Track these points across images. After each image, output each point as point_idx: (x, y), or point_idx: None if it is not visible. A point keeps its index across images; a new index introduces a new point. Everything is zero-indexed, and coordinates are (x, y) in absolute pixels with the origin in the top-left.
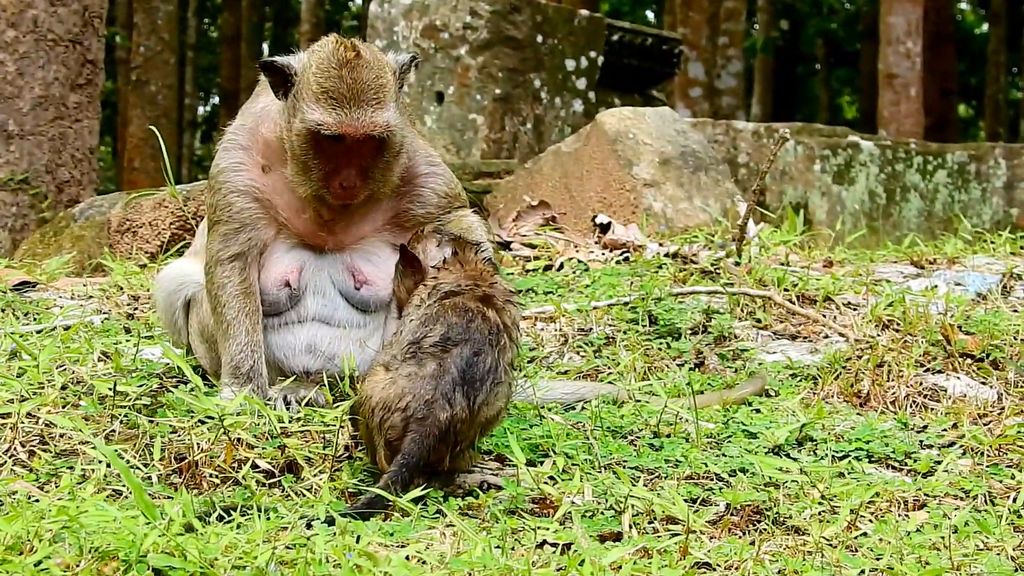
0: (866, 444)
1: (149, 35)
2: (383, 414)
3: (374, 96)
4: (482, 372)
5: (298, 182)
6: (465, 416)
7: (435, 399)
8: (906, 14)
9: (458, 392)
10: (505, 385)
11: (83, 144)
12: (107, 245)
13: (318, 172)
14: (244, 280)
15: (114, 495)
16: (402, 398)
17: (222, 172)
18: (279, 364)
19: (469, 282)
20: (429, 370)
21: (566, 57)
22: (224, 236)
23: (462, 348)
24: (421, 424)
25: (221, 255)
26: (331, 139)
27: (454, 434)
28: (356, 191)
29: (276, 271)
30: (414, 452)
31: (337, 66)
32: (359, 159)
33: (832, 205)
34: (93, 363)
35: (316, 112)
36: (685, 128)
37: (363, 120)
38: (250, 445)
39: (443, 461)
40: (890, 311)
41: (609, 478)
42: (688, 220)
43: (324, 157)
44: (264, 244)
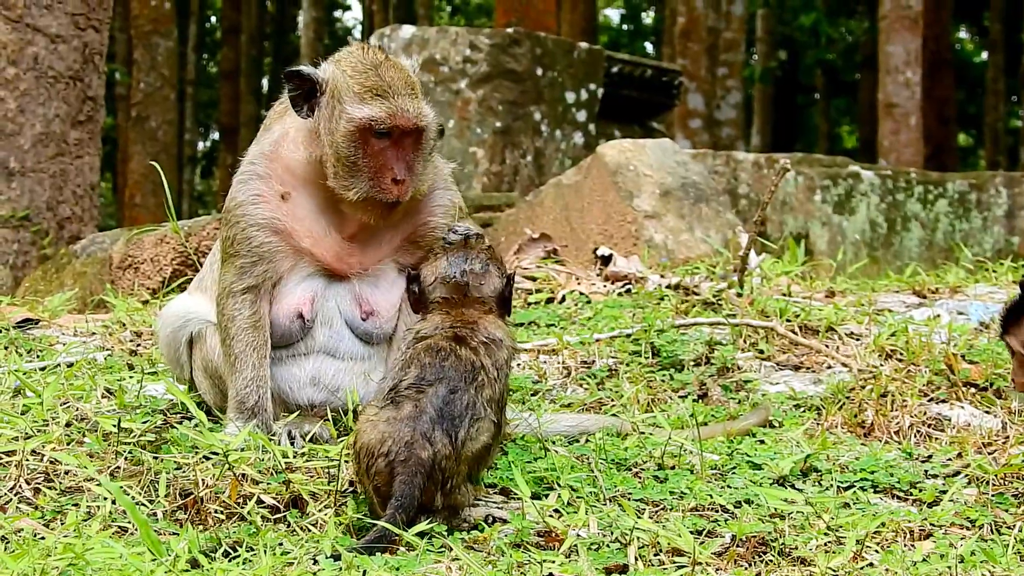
0: (871, 474)
1: (149, 71)
2: (368, 460)
3: (413, 90)
4: (460, 409)
5: (346, 187)
6: (449, 452)
7: (414, 440)
8: (905, 43)
9: (437, 430)
10: (487, 421)
11: (84, 180)
12: (109, 281)
13: (368, 171)
14: (255, 313)
15: (120, 532)
16: (383, 443)
17: (240, 205)
18: (283, 396)
19: (446, 325)
20: (406, 412)
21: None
22: (240, 269)
23: (437, 387)
24: (405, 466)
25: (234, 287)
26: (380, 135)
27: (440, 471)
28: (406, 185)
29: (289, 302)
30: (405, 494)
31: (372, 66)
32: (404, 152)
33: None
34: (97, 400)
35: (364, 108)
36: (685, 159)
37: (412, 111)
38: (255, 480)
39: (435, 500)
40: (893, 341)
41: (614, 510)
42: (689, 251)
43: (373, 155)
44: (279, 276)
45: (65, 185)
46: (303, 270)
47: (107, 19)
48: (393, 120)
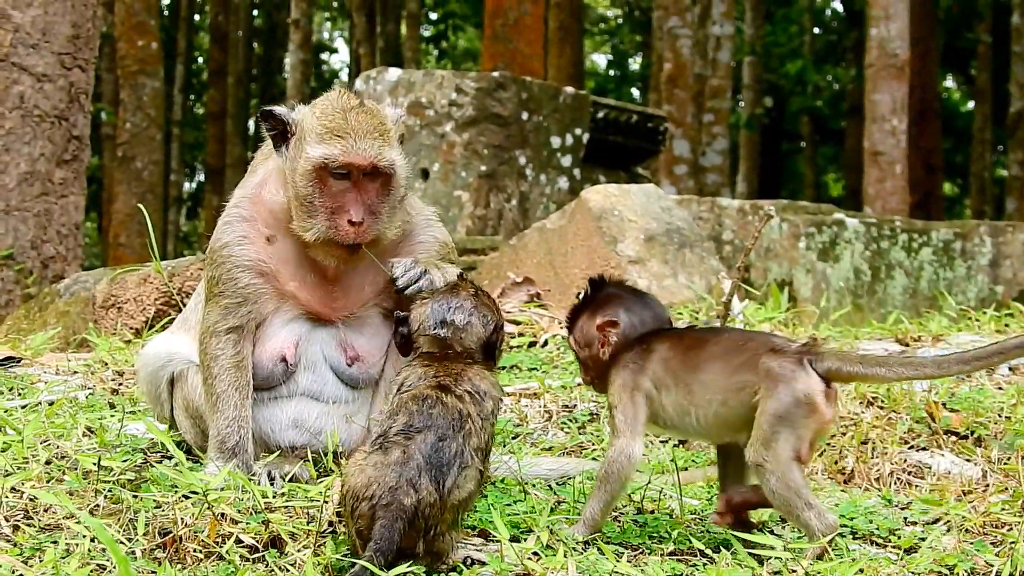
0: (850, 520)
1: (135, 111)
2: (353, 503)
3: (379, 135)
4: (448, 457)
5: (304, 228)
6: (433, 500)
7: (399, 485)
8: (891, 91)
9: (424, 477)
10: (473, 469)
11: (69, 220)
12: (92, 321)
13: (324, 211)
14: (237, 353)
15: (98, 569)
16: (368, 487)
17: (226, 246)
18: (265, 438)
19: (430, 375)
20: (394, 457)
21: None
22: (224, 309)
23: (426, 435)
24: (387, 510)
25: (218, 327)
26: (337, 175)
27: (423, 519)
28: (364, 228)
29: (272, 345)
30: (384, 537)
31: (341, 109)
32: (365, 195)
33: (817, 282)
34: (78, 438)
35: (321, 148)
36: (670, 205)
37: (369, 151)
38: (234, 520)
39: (415, 547)
40: (874, 388)
41: (593, 554)
42: (673, 297)
43: (330, 195)
44: (263, 317)
45: (49, 224)
46: (287, 313)
47: (93, 59)
48: (347, 158)
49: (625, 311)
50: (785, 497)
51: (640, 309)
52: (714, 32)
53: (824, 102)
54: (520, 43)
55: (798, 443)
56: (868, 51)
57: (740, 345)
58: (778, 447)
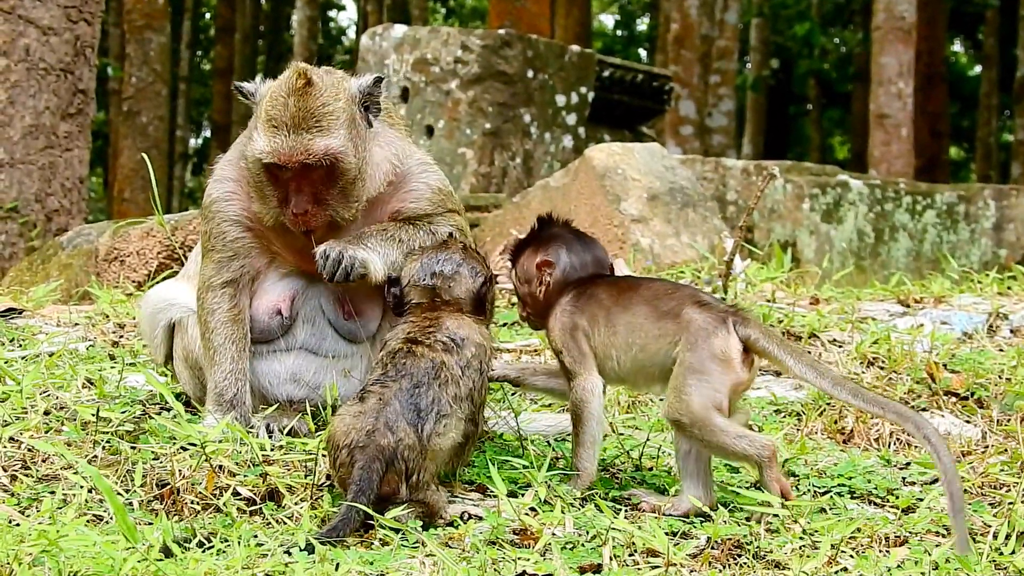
0: (848, 480)
1: (141, 66)
2: (334, 453)
3: (316, 124)
4: (426, 403)
5: (260, 211)
6: (412, 442)
7: (376, 428)
8: (898, 55)
9: (401, 420)
10: (453, 418)
11: (73, 173)
12: (94, 274)
13: (273, 199)
14: (234, 307)
15: (95, 520)
16: (348, 434)
17: (215, 202)
18: (263, 392)
19: (407, 329)
20: (370, 404)
21: (556, 92)
22: (218, 263)
23: (401, 382)
24: (363, 452)
25: (213, 281)
26: (276, 166)
27: (403, 461)
28: (310, 218)
29: (268, 299)
30: (363, 479)
31: (285, 94)
32: (309, 185)
33: (820, 244)
34: (77, 389)
35: (259, 140)
36: (674, 164)
37: (298, 148)
38: (232, 472)
39: (397, 492)
40: (875, 348)
41: (590, 510)
42: (675, 256)
43: (276, 184)
44: (257, 272)
45: (54, 177)
46: (281, 268)
47: (99, 12)
48: (276, 156)
49: (566, 252)
50: (711, 440)
51: (581, 252)
52: None
53: (831, 65)
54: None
55: (714, 395)
56: (875, 14)
57: (668, 294)
58: (692, 398)
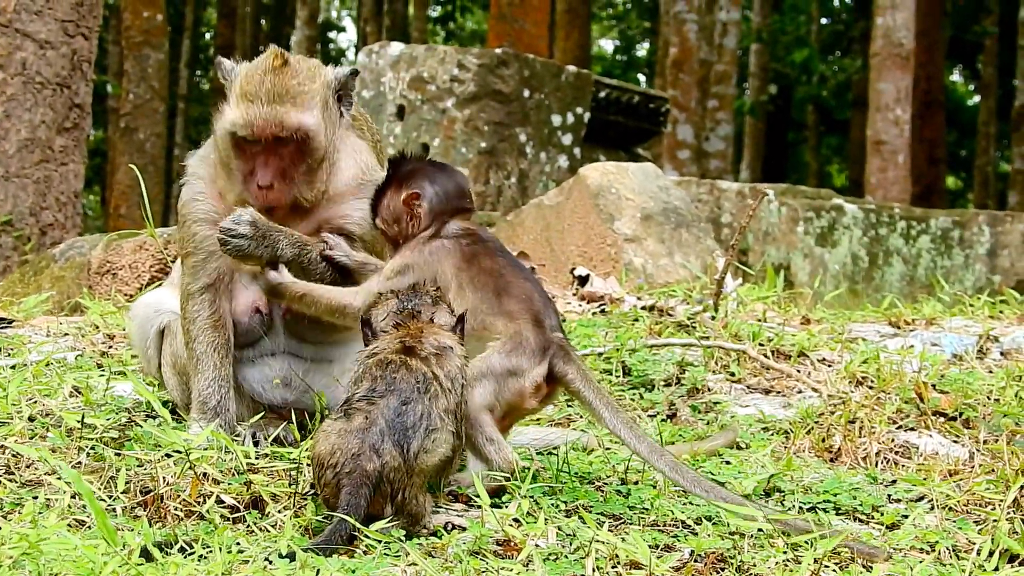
0: (834, 496)
1: (139, 82)
2: (319, 471)
3: (291, 99)
4: (413, 420)
5: (226, 188)
6: (398, 464)
7: (362, 451)
8: (896, 81)
9: (387, 441)
10: (444, 432)
11: (68, 188)
12: (87, 286)
13: (239, 174)
14: (214, 312)
15: (77, 525)
16: (332, 455)
17: (185, 204)
18: (255, 397)
19: (395, 340)
20: (356, 424)
21: (552, 112)
22: (193, 268)
23: (388, 399)
24: (350, 478)
25: (192, 287)
26: (247, 140)
27: (388, 483)
28: (274, 193)
29: (245, 298)
30: (351, 504)
31: (261, 72)
32: (277, 161)
33: (815, 267)
34: (64, 397)
35: (232, 112)
36: (668, 185)
37: (272, 118)
38: (216, 480)
39: (384, 511)
40: (864, 368)
41: (574, 522)
42: (668, 276)
43: (243, 158)
44: (232, 272)
45: (49, 191)
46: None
47: (97, 27)
48: (248, 126)
49: (429, 183)
50: (470, 434)
51: (444, 180)
52: (720, 18)
53: (829, 92)
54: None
55: (493, 401)
56: (873, 40)
57: (519, 298)
58: (475, 393)
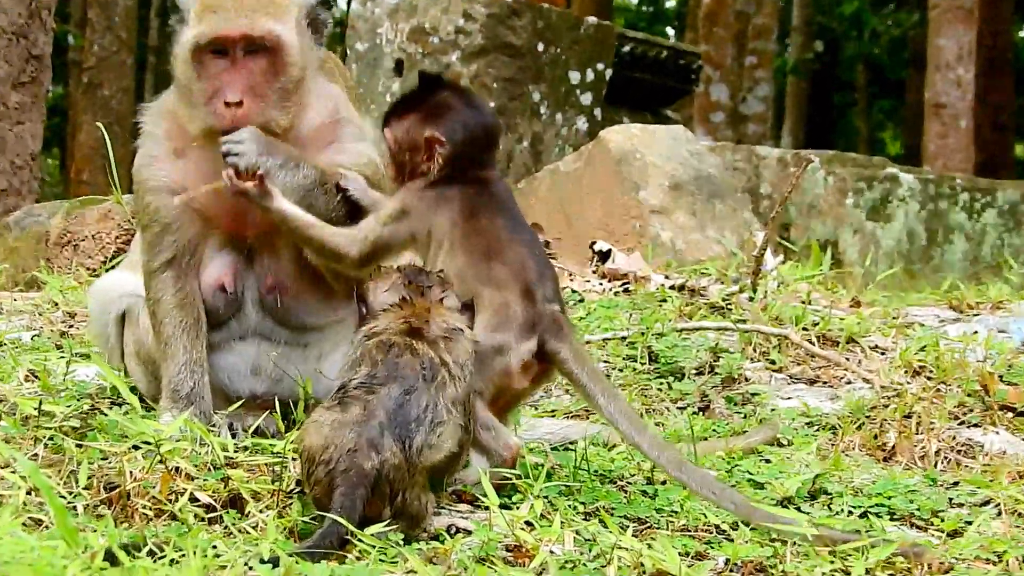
0: (887, 499)
1: (104, 33)
2: (309, 467)
3: (263, 7)
4: (417, 412)
5: (186, 118)
6: (399, 462)
7: (358, 447)
8: (957, 37)
9: (387, 436)
10: (451, 425)
11: (24, 149)
12: (44, 259)
13: (202, 95)
14: (180, 290)
15: (33, 524)
16: (326, 449)
17: (138, 171)
18: (223, 387)
19: (400, 320)
20: (353, 415)
21: (570, 68)
22: (151, 243)
23: (389, 387)
24: (345, 477)
25: (152, 264)
26: (212, 53)
27: (388, 483)
28: (243, 111)
29: (209, 274)
30: (344, 506)
31: None
32: (247, 75)
33: (865, 244)
34: (19, 381)
35: (195, 27)
36: (700, 150)
37: (242, 22)
38: (190, 476)
39: (382, 513)
40: (922, 356)
41: (594, 525)
42: (700, 252)
43: (208, 78)
44: (193, 245)
45: (2, 154)
46: (217, 236)
47: None
48: (215, 31)
49: (461, 128)
50: None
51: (475, 126)
52: None
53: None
54: None
55: (480, 384)
56: None
57: (511, 265)
58: None
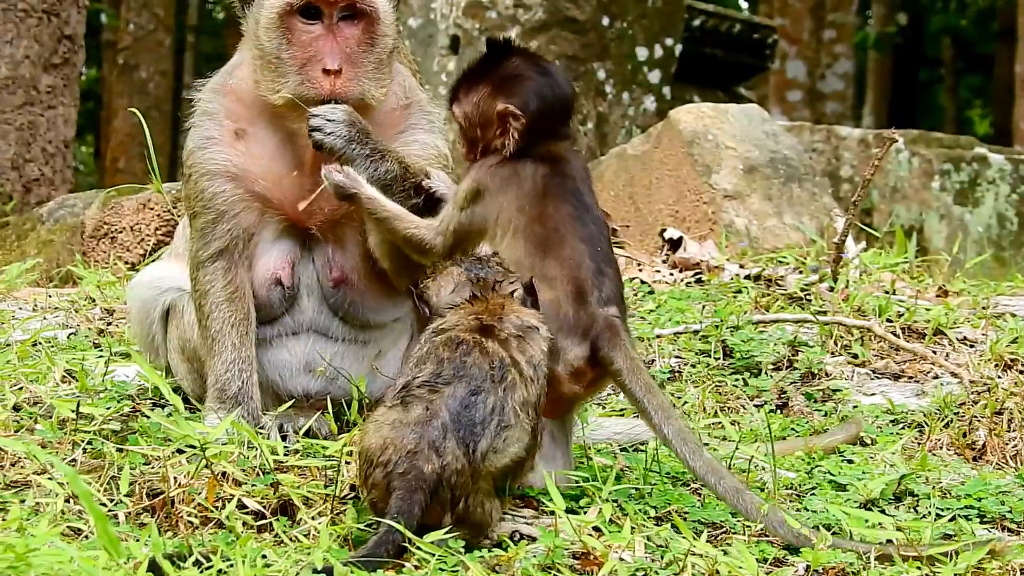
0: (978, 501)
1: (140, 11)
2: (366, 468)
3: None
4: (483, 414)
5: (272, 88)
6: (461, 467)
7: (419, 449)
8: None
9: (450, 439)
10: (518, 429)
11: (57, 136)
12: (80, 252)
13: (294, 64)
14: (230, 283)
15: (72, 533)
16: (384, 450)
17: (191, 154)
18: (274, 386)
19: (470, 316)
20: (415, 415)
21: (637, 44)
22: (202, 231)
23: (455, 387)
24: (403, 479)
25: (202, 255)
26: (305, 17)
27: (449, 488)
28: (344, 80)
29: (264, 266)
30: (402, 510)
31: None
32: (343, 42)
33: (952, 230)
34: (55, 382)
35: None
36: (776, 131)
37: None
38: (237, 481)
39: (442, 520)
40: (1014, 349)
41: (666, 530)
42: (776, 240)
43: (300, 44)
44: (248, 234)
45: (34, 140)
46: (274, 225)
47: None
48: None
49: (537, 98)
50: None
51: (551, 97)
52: None
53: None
54: None
55: None
56: None
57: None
58: None
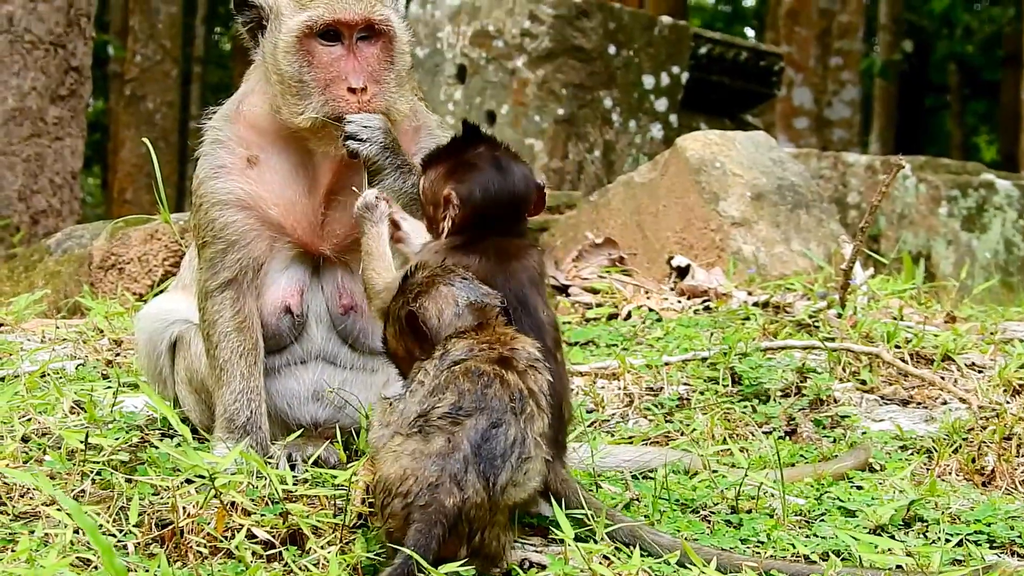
0: (987, 527)
1: (147, 42)
2: (384, 498)
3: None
4: (504, 447)
5: (296, 111)
6: (481, 500)
7: (440, 482)
8: None
9: (471, 472)
10: (538, 460)
11: (64, 167)
12: (87, 283)
13: (318, 85)
14: (238, 313)
15: (81, 565)
16: (404, 481)
17: (201, 184)
18: (282, 415)
19: (483, 345)
20: (436, 447)
21: (643, 72)
22: (211, 261)
23: (477, 419)
24: (424, 512)
25: (210, 285)
26: (325, 39)
27: (468, 522)
28: (369, 97)
29: (273, 295)
30: (420, 545)
31: None
32: (365, 61)
33: (960, 256)
34: (63, 413)
35: (302, 13)
36: (783, 158)
37: (360, 7)
38: (246, 511)
39: (458, 553)
40: (1022, 374)
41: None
42: (784, 267)
43: (322, 66)
44: (258, 263)
45: (41, 172)
46: (284, 253)
47: None
48: (334, 15)
49: (481, 190)
50: None
51: (497, 195)
52: None
53: (975, 47)
54: None
55: None
56: None
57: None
58: None
